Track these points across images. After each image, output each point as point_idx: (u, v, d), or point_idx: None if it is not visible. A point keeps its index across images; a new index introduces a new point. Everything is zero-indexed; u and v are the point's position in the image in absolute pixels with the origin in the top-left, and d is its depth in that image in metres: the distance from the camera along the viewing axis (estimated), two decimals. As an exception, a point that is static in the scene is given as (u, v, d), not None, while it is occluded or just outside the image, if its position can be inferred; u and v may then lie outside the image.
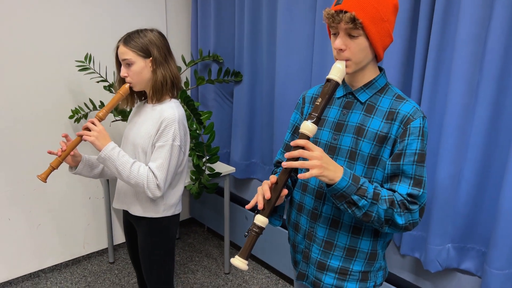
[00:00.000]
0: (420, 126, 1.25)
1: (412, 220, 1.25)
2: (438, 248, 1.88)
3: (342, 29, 1.21)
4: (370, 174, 1.31)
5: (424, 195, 1.26)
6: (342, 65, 1.24)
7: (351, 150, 1.31)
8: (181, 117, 1.71)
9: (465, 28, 1.68)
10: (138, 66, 1.68)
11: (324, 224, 1.37)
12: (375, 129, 1.28)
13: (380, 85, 1.32)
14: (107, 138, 1.64)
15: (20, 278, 2.82)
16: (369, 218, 1.22)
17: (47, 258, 2.89)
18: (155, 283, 1.87)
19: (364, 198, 1.19)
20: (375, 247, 1.37)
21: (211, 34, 2.94)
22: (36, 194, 2.75)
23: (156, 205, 1.76)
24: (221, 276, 2.94)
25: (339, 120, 1.35)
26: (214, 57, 2.90)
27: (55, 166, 1.64)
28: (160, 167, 1.65)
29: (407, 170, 1.24)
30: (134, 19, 2.89)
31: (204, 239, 3.43)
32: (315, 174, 1.15)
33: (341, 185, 1.17)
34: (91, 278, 2.89)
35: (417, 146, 1.24)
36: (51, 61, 2.62)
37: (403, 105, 1.27)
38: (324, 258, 1.38)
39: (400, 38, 1.89)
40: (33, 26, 2.52)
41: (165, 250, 1.83)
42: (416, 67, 1.89)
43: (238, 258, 1.18)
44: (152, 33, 1.73)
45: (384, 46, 1.26)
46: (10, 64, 2.48)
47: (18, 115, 2.57)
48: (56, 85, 2.66)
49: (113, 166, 1.63)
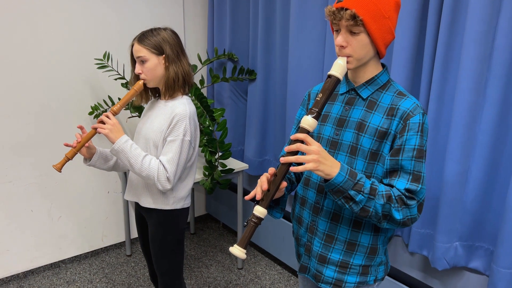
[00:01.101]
0: (419, 122, 1.26)
1: (410, 216, 1.27)
2: (446, 246, 1.88)
3: (343, 26, 1.24)
4: (370, 169, 1.33)
5: (423, 191, 1.28)
6: (343, 62, 1.26)
7: (352, 145, 1.33)
8: (192, 113, 1.76)
9: (473, 26, 1.67)
10: (152, 63, 1.75)
11: (326, 218, 1.39)
12: (375, 125, 1.30)
13: (382, 82, 1.34)
14: (120, 131, 1.72)
15: (42, 268, 2.94)
16: (367, 213, 1.24)
17: (67, 249, 3.01)
18: (164, 274, 1.93)
19: (361, 193, 1.21)
20: (376, 242, 1.39)
21: (226, 33, 3.00)
22: (57, 188, 2.86)
23: (166, 197, 1.82)
24: (234, 271, 2.99)
25: (341, 116, 1.37)
26: (229, 56, 2.95)
27: (70, 157, 1.72)
28: (171, 161, 1.71)
29: (405, 165, 1.26)
30: (152, 19, 2.97)
31: (219, 235, 3.49)
32: (310, 168, 1.17)
33: (338, 180, 1.20)
34: (108, 270, 2.99)
35: (416, 141, 1.26)
36: (73, 59, 2.73)
37: (403, 101, 1.29)
38: (325, 251, 1.41)
39: (408, 36, 1.90)
40: (56, 26, 2.63)
41: (174, 242, 1.89)
42: (425, 65, 1.90)
43: (237, 247, 1.21)
44: (166, 32, 1.79)
45: (385, 43, 1.28)
46: (33, 62, 2.60)
47: (40, 111, 2.69)
48: (77, 82, 2.77)
49: (126, 159, 1.70)
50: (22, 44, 2.54)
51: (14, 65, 2.55)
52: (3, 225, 2.71)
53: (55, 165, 1.72)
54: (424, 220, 1.99)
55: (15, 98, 2.59)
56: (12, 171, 2.67)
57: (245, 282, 2.88)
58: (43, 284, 2.81)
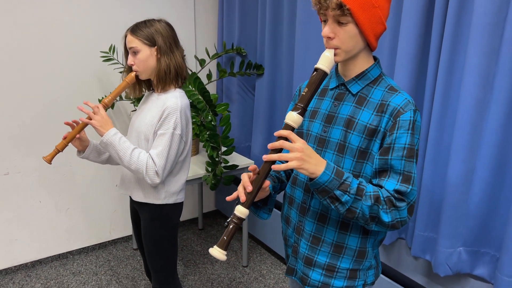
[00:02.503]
0: (410, 119, 1.18)
1: (400, 218, 1.19)
2: (449, 251, 1.78)
3: (330, 16, 1.17)
4: (359, 169, 1.26)
5: (414, 192, 1.20)
6: (330, 54, 1.20)
7: (340, 143, 1.27)
8: (183, 107, 1.73)
9: (481, 18, 1.57)
10: (144, 54, 1.72)
11: (312, 219, 1.33)
12: (364, 122, 1.23)
13: (373, 76, 1.27)
14: (109, 124, 1.70)
15: (50, 258, 2.98)
16: (353, 215, 1.17)
17: (75, 240, 3.04)
18: (157, 270, 1.91)
19: (347, 193, 1.14)
20: (364, 245, 1.32)
21: (235, 27, 2.96)
22: (65, 180, 2.89)
23: (157, 192, 1.80)
24: (238, 269, 2.96)
25: (330, 112, 1.31)
26: (237, 50, 2.91)
27: (60, 149, 1.72)
28: (160, 155, 1.68)
29: (395, 165, 1.19)
30: (162, 13, 2.95)
31: (226, 232, 3.45)
32: (292, 166, 1.12)
33: (323, 179, 1.13)
34: (114, 263, 3.00)
35: (407, 140, 1.18)
36: (81, 52, 2.74)
37: (394, 97, 1.22)
38: (311, 253, 1.35)
39: (414, 29, 1.80)
40: (65, 20, 2.65)
41: (166, 237, 1.86)
42: (431, 60, 1.80)
43: (217, 248, 1.16)
44: (159, 23, 1.76)
45: (375, 34, 1.20)
46: (41, 56, 2.63)
47: (49, 104, 2.72)
48: (85, 75, 2.79)
49: (115, 152, 1.68)
50: (31, 38, 2.57)
51: (23, 59, 2.58)
52: (13, 215, 2.76)
53: (45, 157, 1.72)
54: (428, 223, 1.89)
55: (24, 90, 2.62)
56: (21, 162, 2.71)
57: (249, 280, 2.83)
58: (50, 274, 2.85)
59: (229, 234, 1.18)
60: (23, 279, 2.80)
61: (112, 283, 2.77)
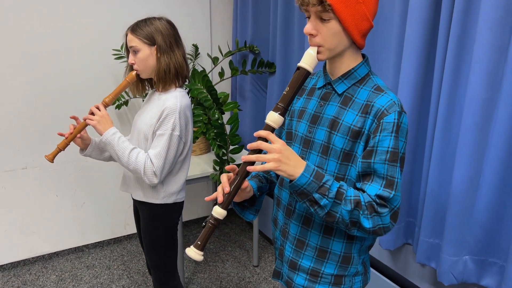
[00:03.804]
0: (394, 121, 1.12)
1: (382, 225, 1.13)
2: (453, 259, 1.69)
3: (312, 12, 1.13)
4: (344, 171, 1.21)
5: (397, 198, 1.14)
6: (314, 52, 1.15)
7: (324, 145, 1.22)
8: (183, 107, 1.72)
9: (489, 12, 1.47)
10: (144, 53, 1.72)
11: (297, 221, 1.29)
12: (348, 123, 1.18)
13: (359, 75, 1.21)
14: (109, 123, 1.71)
15: (66, 251, 3.06)
16: (333, 219, 1.13)
17: (91, 234, 3.11)
18: (156, 268, 1.92)
19: (325, 197, 1.10)
20: (349, 251, 1.26)
21: (248, 25, 2.93)
22: (81, 175, 2.96)
23: (156, 191, 1.80)
24: (249, 268, 2.94)
25: (316, 112, 1.26)
26: (250, 48, 2.88)
27: (62, 148, 1.75)
28: (158, 155, 1.68)
29: (378, 169, 1.13)
30: (179, 12, 2.97)
31: (240, 230, 3.44)
32: (269, 168, 1.08)
33: (301, 181, 1.09)
34: (127, 258, 3.05)
35: (390, 143, 1.12)
36: (99, 50, 2.79)
37: (379, 98, 1.15)
38: (296, 257, 1.30)
39: (420, 25, 1.71)
40: (82, 17, 2.71)
41: (165, 236, 1.86)
42: (438, 57, 1.71)
43: (193, 249, 1.15)
44: (160, 21, 1.76)
45: (360, 31, 1.14)
46: (57, 54, 2.70)
47: (64, 100, 2.78)
48: (100, 73, 2.83)
49: (113, 151, 1.70)
50: (47, 35, 2.64)
51: (40, 56, 2.65)
52: (31, 208, 2.85)
53: (47, 155, 1.75)
54: (433, 229, 1.80)
55: (41, 87, 2.70)
56: (38, 157, 2.80)
57: (258, 281, 2.81)
58: (65, 266, 2.93)
59: (205, 235, 1.16)
60: (39, 270, 2.89)
61: (124, 278, 2.81)
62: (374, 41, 2.00)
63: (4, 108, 2.63)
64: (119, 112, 2.97)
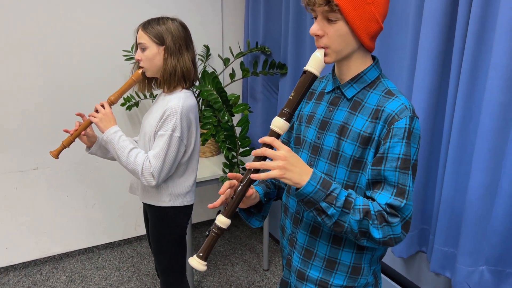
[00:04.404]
0: (405, 127, 1.07)
1: (393, 235, 1.09)
2: (469, 269, 1.63)
3: (319, 12, 1.08)
4: (354, 179, 1.16)
5: (408, 207, 1.09)
6: (321, 54, 1.11)
7: (333, 151, 1.18)
8: (185, 109, 1.69)
9: (508, 14, 1.41)
10: (151, 52, 1.70)
11: (305, 230, 1.25)
12: (358, 129, 1.13)
13: (369, 79, 1.16)
14: (111, 122, 1.69)
15: (76, 252, 3.07)
16: (341, 229, 1.08)
17: (101, 235, 3.11)
18: (164, 272, 1.90)
19: (333, 206, 1.06)
20: (359, 261, 1.22)
21: (260, 26, 2.89)
22: (92, 175, 2.96)
23: (160, 193, 1.77)
24: (259, 272, 2.90)
25: (324, 118, 1.22)
26: (261, 49, 2.84)
27: (66, 145, 1.74)
28: (156, 156, 1.66)
29: (389, 176, 1.08)
30: (190, 13, 2.95)
31: (251, 233, 3.41)
32: (274, 175, 1.04)
33: (307, 190, 1.05)
34: (137, 259, 3.04)
35: (401, 150, 1.07)
36: (109, 51, 2.79)
37: (390, 102, 1.11)
38: (304, 267, 1.26)
39: (436, 28, 1.65)
40: (94, 17, 2.71)
41: (172, 240, 1.84)
42: (454, 61, 1.64)
43: (196, 258, 1.12)
44: (173, 23, 1.73)
45: (369, 33, 1.10)
46: (67, 54, 2.70)
47: (74, 101, 2.78)
48: (110, 74, 2.83)
49: (113, 150, 1.68)
50: (58, 36, 2.65)
51: (50, 57, 2.66)
52: (42, 208, 2.86)
53: (52, 151, 1.75)
54: (447, 237, 1.74)
55: (53, 88, 2.71)
56: (49, 158, 2.80)
57: (268, 285, 2.77)
58: (76, 267, 2.94)
59: (209, 244, 1.13)
60: (50, 270, 2.89)
61: (133, 280, 2.80)
62: (388, 43, 1.95)
63: (16, 108, 2.64)
64: (129, 113, 2.96)
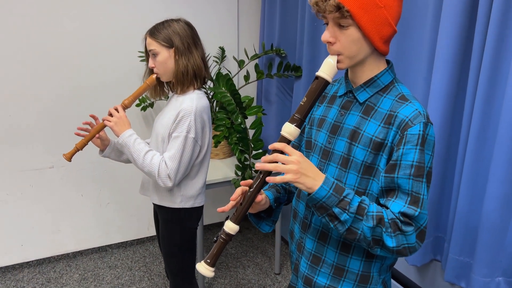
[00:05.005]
0: (419, 133, 1.04)
1: (407, 244, 1.06)
2: (485, 280, 1.58)
3: (330, 18, 1.07)
4: (365, 185, 1.14)
5: (423, 216, 1.06)
6: (333, 60, 1.09)
7: (344, 156, 1.16)
8: (199, 109, 1.69)
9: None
10: (162, 56, 1.71)
11: (313, 236, 1.23)
12: (370, 134, 1.11)
13: (383, 83, 1.14)
14: (126, 125, 1.70)
15: (90, 250, 3.10)
16: (354, 236, 1.06)
17: (114, 234, 3.14)
18: (174, 273, 1.90)
19: (346, 211, 1.04)
20: (368, 269, 1.19)
21: (276, 28, 2.88)
22: (106, 175, 2.99)
23: (172, 195, 1.77)
24: (270, 276, 2.88)
25: (336, 122, 1.20)
26: (276, 51, 2.82)
27: (80, 147, 1.76)
28: (172, 158, 1.66)
29: (403, 184, 1.06)
30: (206, 15, 2.95)
31: (263, 236, 3.39)
32: (288, 179, 1.03)
33: (320, 194, 1.03)
34: (149, 259, 3.06)
35: (415, 157, 1.05)
36: (126, 52, 2.81)
37: (403, 108, 1.08)
38: (311, 273, 1.24)
39: (455, 31, 1.61)
40: (110, 22, 2.73)
41: (182, 241, 1.84)
42: (473, 65, 1.60)
43: (204, 264, 1.11)
44: (177, 23, 1.73)
45: (382, 37, 1.07)
46: (83, 55, 2.73)
47: (91, 101, 2.81)
48: (127, 75, 2.84)
49: (129, 153, 1.69)
50: (76, 40, 2.68)
51: (66, 58, 2.69)
52: (56, 206, 2.89)
53: (65, 154, 1.76)
54: (463, 246, 1.69)
55: (68, 89, 2.74)
56: (65, 157, 2.83)
57: (279, 289, 2.75)
58: (88, 265, 2.96)
59: (217, 250, 1.12)
60: (63, 268, 2.93)
61: (144, 280, 2.81)
62: (405, 47, 1.91)
63: (34, 108, 2.68)
64: (144, 114, 2.98)
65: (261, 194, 1.19)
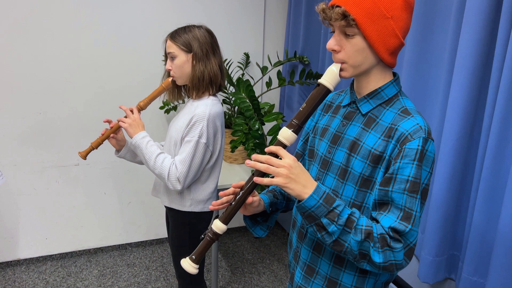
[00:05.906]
0: (418, 148, 1.01)
1: (394, 261, 1.03)
2: (498, 303, 1.51)
3: (336, 26, 1.06)
4: (361, 198, 1.12)
5: (413, 233, 1.03)
6: (337, 68, 1.08)
7: (342, 167, 1.14)
8: (212, 115, 1.71)
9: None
10: (180, 60, 1.74)
11: (308, 246, 1.22)
12: (369, 146, 1.09)
13: (387, 96, 1.12)
14: (140, 127, 1.74)
15: (110, 247, 3.18)
16: (341, 248, 1.04)
17: (134, 234, 3.20)
18: (181, 277, 1.92)
19: (334, 223, 1.01)
20: (362, 285, 1.16)
21: (300, 36, 2.88)
22: (128, 175, 3.06)
23: (182, 198, 1.80)
24: (285, 283, 2.86)
25: (337, 132, 1.18)
26: (299, 59, 2.82)
27: (95, 146, 1.81)
28: (183, 162, 1.68)
29: (396, 198, 1.03)
30: (233, 20, 2.98)
31: (281, 243, 3.37)
32: (277, 182, 1.01)
33: (309, 203, 1.02)
34: (166, 260, 3.10)
35: (411, 172, 1.02)
36: (151, 56, 2.88)
37: (404, 122, 1.06)
38: (305, 284, 1.23)
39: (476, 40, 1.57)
40: (138, 26, 2.81)
41: (191, 245, 1.85)
42: (493, 78, 1.54)
43: (188, 260, 1.12)
44: (198, 29, 1.76)
45: (388, 48, 1.05)
46: (110, 56, 2.81)
47: (115, 101, 2.89)
48: (152, 77, 2.91)
49: (141, 154, 1.72)
50: (105, 43, 2.77)
51: (98, 60, 2.78)
52: (80, 203, 2.99)
53: (80, 152, 1.82)
54: (477, 266, 1.63)
55: (96, 90, 2.83)
56: (90, 155, 2.89)
57: (292, 297, 2.72)
58: (108, 262, 3.04)
59: (202, 248, 1.12)
60: (84, 263, 3.01)
61: (160, 280, 2.86)
62: (425, 58, 1.87)
63: (65, 107, 2.78)
64: (168, 117, 3.03)
65: (255, 196, 1.18)
